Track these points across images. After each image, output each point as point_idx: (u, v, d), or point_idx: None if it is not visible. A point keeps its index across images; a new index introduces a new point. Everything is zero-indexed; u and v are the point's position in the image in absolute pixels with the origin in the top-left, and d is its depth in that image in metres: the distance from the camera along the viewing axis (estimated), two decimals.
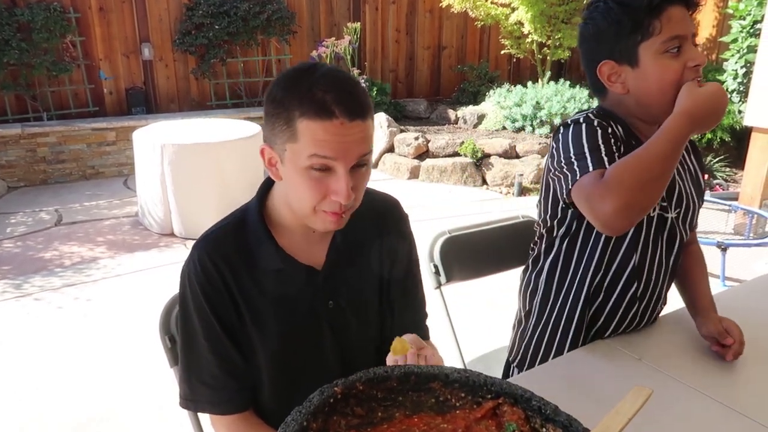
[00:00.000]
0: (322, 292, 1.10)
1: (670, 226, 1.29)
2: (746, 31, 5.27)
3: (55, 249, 4.02)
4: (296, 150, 0.96)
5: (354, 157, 0.96)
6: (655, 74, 1.17)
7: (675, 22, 1.15)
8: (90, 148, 5.62)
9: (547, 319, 1.39)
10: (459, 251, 1.77)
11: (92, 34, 5.82)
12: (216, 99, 6.46)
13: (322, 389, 0.72)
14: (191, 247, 1.09)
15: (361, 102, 0.96)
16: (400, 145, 5.84)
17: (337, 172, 0.96)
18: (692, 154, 1.38)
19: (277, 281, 1.07)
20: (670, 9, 1.15)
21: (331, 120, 0.93)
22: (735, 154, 5.76)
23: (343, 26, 6.62)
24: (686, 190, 1.31)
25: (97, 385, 2.56)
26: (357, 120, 0.95)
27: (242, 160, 4.27)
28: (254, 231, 1.07)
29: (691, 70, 1.16)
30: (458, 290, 1.82)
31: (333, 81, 0.96)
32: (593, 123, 1.18)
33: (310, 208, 1.00)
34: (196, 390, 1.11)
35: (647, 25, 1.15)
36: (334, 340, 1.13)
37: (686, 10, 1.17)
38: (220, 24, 6.04)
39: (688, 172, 1.34)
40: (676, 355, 1.25)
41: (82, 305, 3.25)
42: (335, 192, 0.97)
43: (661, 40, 1.15)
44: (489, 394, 0.76)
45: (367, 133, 0.98)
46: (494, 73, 7.36)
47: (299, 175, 0.98)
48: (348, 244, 1.12)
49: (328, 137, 0.94)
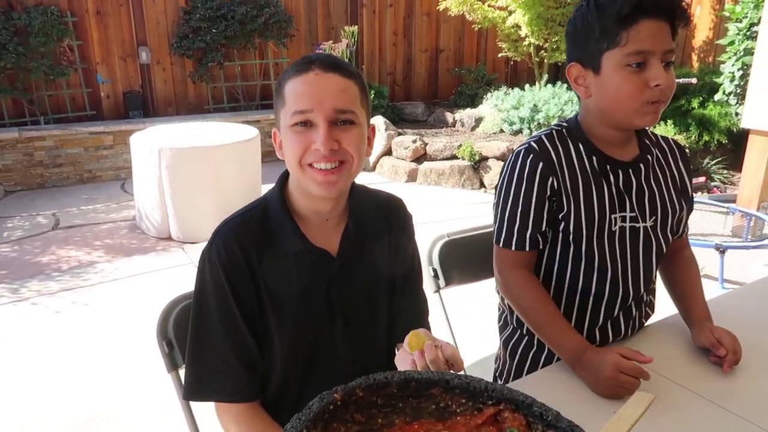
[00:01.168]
0: (338, 279, 1.13)
1: (644, 235, 1.29)
2: (743, 34, 5.29)
3: (52, 253, 4.01)
4: (285, 113, 1.04)
5: (330, 107, 1.01)
6: (613, 85, 1.17)
7: (644, 37, 1.12)
8: (87, 151, 5.61)
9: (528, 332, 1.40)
10: (458, 255, 1.76)
11: (89, 37, 5.81)
12: (213, 102, 6.46)
13: (321, 396, 0.71)
14: (212, 234, 1.11)
15: (341, 62, 1.05)
16: (398, 148, 5.84)
17: (316, 124, 1.02)
18: (680, 159, 1.37)
19: (296, 266, 1.10)
20: (642, 22, 1.12)
21: (307, 72, 1.02)
22: (732, 156, 5.77)
23: (341, 29, 6.63)
24: (664, 196, 1.31)
25: (95, 388, 2.54)
26: (333, 72, 1.02)
27: (240, 163, 4.27)
28: (276, 215, 1.11)
29: (652, 89, 1.14)
30: (456, 294, 1.81)
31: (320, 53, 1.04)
32: (526, 163, 1.24)
33: (296, 163, 1.04)
34: (205, 377, 1.11)
35: (615, 34, 1.14)
36: (346, 334, 1.15)
37: (665, 26, 1.14)
38: (217, 27, 6.03)
39: (670, 178, 1.34)
40: (675, 359, 1.25)
41: (80, 309, 3.24)
42: (315, 141, 1.01)
43: (624, 53, 1.14)
44: (490, 400, 0.75)
45: (346, 88, 1.03)
46: (492, 76, 7.37)
47: (287, 135, 1.05)
48: (360, 235, 1.15)
49: (304, 88, 1.02)
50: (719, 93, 5.61)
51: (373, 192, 1.24)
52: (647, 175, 1.30)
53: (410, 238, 1.25)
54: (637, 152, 1.30)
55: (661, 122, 5.67)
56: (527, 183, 1.24)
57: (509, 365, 1.45)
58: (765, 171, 4.14)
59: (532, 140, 1.28)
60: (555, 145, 1.26)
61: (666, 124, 5.69)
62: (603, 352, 1.14)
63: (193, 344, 1.12)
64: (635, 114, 1.18)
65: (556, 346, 1.23)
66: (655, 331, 1.39)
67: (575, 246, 1.28)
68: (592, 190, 1.25)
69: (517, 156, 1.26)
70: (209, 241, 1.10)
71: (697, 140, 5.69)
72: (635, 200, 1.28)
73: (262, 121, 6.11)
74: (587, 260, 1.28)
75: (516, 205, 1.26)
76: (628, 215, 1.27)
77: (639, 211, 1.28)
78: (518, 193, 1.25)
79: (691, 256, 1.44)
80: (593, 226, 1.25)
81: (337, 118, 1.02)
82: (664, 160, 1.35)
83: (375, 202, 1.22)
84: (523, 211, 1.26)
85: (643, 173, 1.29)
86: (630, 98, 1.16)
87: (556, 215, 1.27)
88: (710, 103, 5.74)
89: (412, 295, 1.25)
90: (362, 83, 1.08)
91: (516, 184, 1.26)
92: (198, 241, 4.04)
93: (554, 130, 1.30)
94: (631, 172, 1.28)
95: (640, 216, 1.28)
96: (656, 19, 1.13)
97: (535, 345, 1.39)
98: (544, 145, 1.26)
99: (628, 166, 1.28)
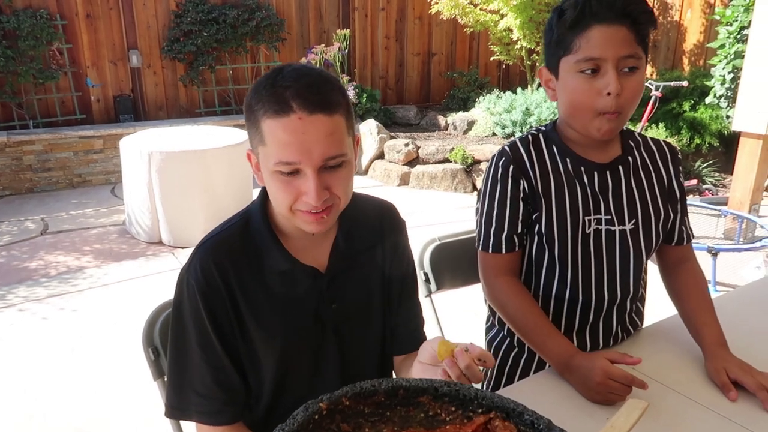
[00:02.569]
0: (327, 294, 1.09)
1: (621, 239, 1.26)
2: (733, 37, 5.31)
3: (40, 258, 3.96)
4: (266, 153, 0.95)
5: (319, 157, 0.92)
6: (567, 91, 1.17)
7: (595, 43, 1.10)
8: (77, 156, 5.56)
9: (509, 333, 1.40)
10: (449, 259, 1.74)
11: (79, 41, 5.77)
12: (205, 106, 6.42)
13: (306, 405, 0.69)
14: (191, 252, 1.07)
15: (323, 95, 0.92)
16: (390, 152, 5.83)
17: (305, 173, 0.94)
18: (669, 161, 1.32)
19: (283, 283, 1.06)
20: (593, 28, 1.10)
21: (289, 115, 0.90)
22: (724, 159, 5.79)
23: (333, 33, 6.62)
24: (646, 199, 1.27)
25: (83, 396, 2.50)
26: (318, 114, 0.91)
27: (231, 167, 4.24)
28: (259, 232, 1.06)
29: (605, 98, 1.11)
30: (446, 298, 1.79)
31: (296, 76, 0.92)
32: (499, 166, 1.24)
33: (286, 209, 0.99)
34: (185, 398, 1.08)
35: (568, 40, 1.13)
36: (337, 349, 1.12)
37: (621, 30, 1.09)
38: (208, 31, 6.01)
39: (656, 180, 1.30)
40: (669, 364, 1.23)
41: (68, 316, 3.20)
42: (305, 193, 0.95)
43: (576, 59, 1.12)
44: (480, 408, 0.73)
45: (334, 130, 0.93)
46: (484, 80, 7.38)
47: (271, 179, 0.97)
48: (350, 248, 1.11)
49: (287, 137, 0.91)
50: (710, 96, 5.63)
51: (364, 198, 1.19)
52: (627, 177, 1.27)
53: (405, 245, 1.21)
54: (617, 153, 1.27)
55: (653, 125, 5.69)
56: (501, 185, 1.25)
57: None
58: (756, 173, 4.15)
59: (507, 144, 1.28)
60: (528, 148, 1.26)
61: (658, 127, 5.71)
62: (591, 357, 1.11)
63: (172, 362, 1.09)
64: (590, 123, 1.16)
65: (543, 352, 1.21)
66: (645, 335, 1.37)
67: (548, 249, 1.27)
68: (565, 191, 1.24)
69: (492, 160, 1.27)
70: (188, 260, 1.06)
71: (688, 143, 5.71)
72: (612, 203, 1.25)
73: None
74: (561, 263, 1.27)
75: (492, 208, 1.26)
76: (603, 218, 1.24)
77: (615, 214, 1.25)
78: (493, 195, 1.26)
79: (696, 270, 1.36)
80: (566, 227, 1.24)
81: (327, 164, 0.94)
82: (651, 162, 1.31)
83: (366, 209, 1.17)
84: (498, 214, 1.26)
85: (622, 175, 1.26)
86: (583, 106, 1.15)
87: (530, 216, 1.27)
88: (701, 106, 5.76)
89: (411, 306, 1.22)
90: (347, 106, 0.98)
91: (491, 188, 1.27)
92: (189, 246, 4.00)
93: (530, 135, 1.29)
94: (608, 174, 1.25)
95: (617, 219, 1.25)
96: (609, 25, 1.09)
97: (516, 346, 1.39)
98: (516, 149, 1.26)
99: (605, 168, 1.25)
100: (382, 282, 1.16)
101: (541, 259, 1.29)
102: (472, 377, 0.86)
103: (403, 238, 1.21)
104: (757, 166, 4.13)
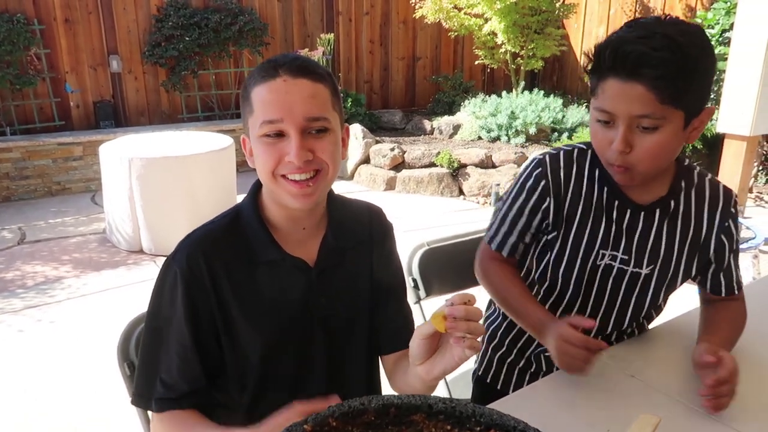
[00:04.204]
0: (316, 288, 1.08)
1: (631, 280, 1.21)
2: (715, 40, 5.34)
3: (17, 269, 3.85)
4: (253, 121, 0.99)
5: (300, 115, 0.96)
6: (591, 130, 1.14)
7: (608, 96, 1.04)
8: (56, 163, 5.44)
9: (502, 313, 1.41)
10: (438, 264, 1.70)
11: (58, 46, 5.66)
12: (187, 111, 6.33)
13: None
14: (178, 243, 1.05)
15: (309, 65, 0.99)
16: (376, 156, 5.78)
17: (288, 134, 0.97)
18: (720, 209, 1.20)
19: (271, 275, 1.06)
20: (609, 80, 1.03)
21: (275, 78, 0.96)
22: (707, 161, 5.82)
23: (317, 37, 6.56)
24: (673, 248, 1.19)
25: (59, 410, 2.41)
26: (302, 78, 0.97)
27: (214, 173, 4.16)
28: (250, 224, 1.07)
29: (612, 150, 1.06)
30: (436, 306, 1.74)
31: (286, 54, 1.03)
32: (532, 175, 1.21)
33: (269, 174, 1.00)
34: (152, 386, 1.05)
35: (593, 83, 1.09)
36: (324, 341, 1.11)
37: (638, 88, 1.00)
38: (190, 35, 5.93)
39: (693, 229, 1.20)
40: (668, 370, 1.19)
41: (45, 327, 3.10)
42: (288, 153, 0.97)
43: (595, 105, 1.09)
44: (478, 426, 0.68)
45: (317, 94, 0.98)
46: (469, 83, 7.36)
47: (257, 145, 1.00)
48: (339, 245, 1.11)
49: (271, 96, 0.96)
50: None
51: (352, 201, 1.21)
52: (661, 221, 1.19)
53: (392, 248, 1.22)
54: (662, 194, 1.18)
55: None
56: (526, 195, 1.22)
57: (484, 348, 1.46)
58: (741, 175, 4.16)
59: (549, 153, 1.22)
60: (570, 162, 1.20)
61: None
62: (556, 323, 1.11)
63: (144, 350, 1.08)
64: (607, 167, 1.13)
65: (522, 320, 1.23)
66: (644, 340, 1.33)
67: (553, 268, 1.24)
68: (589, 221, 1.19)
69: (529, 164, 1.24)
70: (174, 250, 1.05)
71: None
72: (635, 244, 1.19)
73: (237, 130, 6.00)
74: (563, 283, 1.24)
75: (510, 210, 1.26)
76: (620, 256, 1.19)
77: (635, 256, 1.19)
78: (515, 200, 1.25)
79: (738, 311, 1.25)
80: (577, 255, 1.21)
81: (310, 126, 0.97)
82: (696, 209, 1.20)
83: (354, 211, 1.18)
84: (513, 219, 1.25)
85: (657, 219, 1.18)
86: (598, 151, 1.13)
87: (543, 233, 1.26)
88: None
89: (400, 305, 1.21)
90: (333, 84, 1.03)
91: (516, 192, 1.25)
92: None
93: (578, 148, 1.22)
94: (642, 215, 1.18)
95: (635, 261, 1.19)
96: (624, 81, 1.01)
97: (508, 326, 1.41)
98: (556, 161, 1.20)
99: (641, 209, 1.18)
100: (371, 281, 1.16)
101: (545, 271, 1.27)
102: (474, 329, 0.84)
103: (391, 240, 1.22)
104: (741, 168, 4.14)
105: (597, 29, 7.35)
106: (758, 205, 5.23)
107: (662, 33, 0.98)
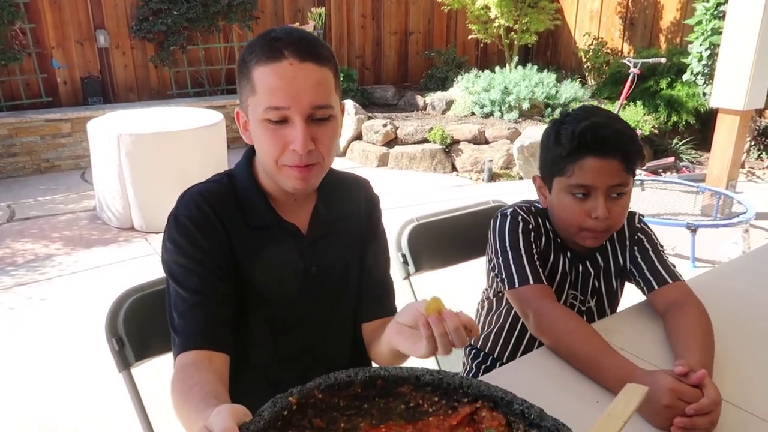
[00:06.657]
0: (307, 255, 1.10)
1: (587, 312, 1.37)
2: (710, 14, 5.30)
3: (6, 247, 3.82)
4: (255, 103, 0.97)
5: (307, 103, 0.95)
6: (558, 207, 1.27)
7: (587, 172, 1.19)
8: (44, 140, 5.37)
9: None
10: (428, 239, 1.69)
11: (43, 20, 5.54)
12: (177, 87, 6.25)
13: (274, 400, 0.62)
14: (177, 199, 1.05)
15: (315, 47, 0.96)
16: (368, 133, 5.74)
17: (293, 121, 0.95)
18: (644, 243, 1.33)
19: (265, 238, 1.07)
20: (587, 159, 1.18)
21: (281, 61, 0.94)
22: (700, 136, 5.82)
23: (308, 11, 6.46)
24: (606, 282, 1.36)
25: (51, 389, 2.41)
26: (309, 62, 0.95)
27: (204, 149, 4.12)
28: (245, 190, 1.07)
29: (593, 219, 1.20)
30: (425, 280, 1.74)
31: (288, 31, 0.97)
32: (517, 220, 1.29)
33: (272, 162, 0.99)
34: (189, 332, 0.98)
35: (563, 165, 1.21)
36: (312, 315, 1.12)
37: (612, 163, 1.17)
38: (179, 10, 5.82)
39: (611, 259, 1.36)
40: (657, 342, 1.19)
41: (36, 305, 3.08)
42: (292, 141, 0.96)
43: (569, 183, 1.22)
44: (465, 397, 0.68)
45: (323, 80, 0.97)
46: (462, 59, 7.29)
47: (259, 129, 0.98)
48: (329, 215, 1.13)
49: (278, 82, 0.94)
50: (687, 73, 5.63)
51: (340, 173, 1.21)
52: (606, 262, 1.36)
53: (378, 218, 1.23)
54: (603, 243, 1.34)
55: (630, 103, 5.68)
56: (523, 235, 1.28)
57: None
58: (733, 150, 4.16)
59: (509, 210, 1.32)
60: (530, 215, 1.32)
61: (635, 104, 5.70)
62: (654, 375, 0.95)
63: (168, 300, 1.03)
64: (577, 234, 1.26)
65: (599, 372, 1.06)
66: (632, 313, 1.33)
67: None
68: (558, 263, 1.33)
69: (505, 217, 1.31)
70: (176, 204, 1.05)
71: (665, 121, 5.72)
72: (580, 282, 1.35)
73: (228, 106, 5.93)
74: None
75: (518, 249, 1.27)
76: (579, 296, 1.35)
77: (581, 293, 1.35)
78: (516, 240, 1.28)
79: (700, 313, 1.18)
80: None
81: (315, 114, 0.96)
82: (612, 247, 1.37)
83: (343, 183, 1.19)
84: (527, 253, 1.27)
85: (601, 262, 1.35)
86: (570, 223, 1.25)
87: None
88: (678, 84, 5.77)
89: (382, 275, 1.21)
90: (335, 65, 1.02)
91: (512, 236, 1.29)
92: (162, 231, 3.88)
93: (524, 206, 1.34)
94: (588, 263, 1.34)
95: (581, 297, 1.35)
96: (602, 158, 1.17)
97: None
98: (524, 214, 1.31)
99: (585, 258, 1.34)
100: (359, 252, 1.17)
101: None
102: (457, 340, 0.79)
103: (378, 211, 1.23)
104: (734, 143, 4.14)
105: (592, 3, 7.27)
106: (750, 180, 5.24)
107: (611, 116, 1.23)
